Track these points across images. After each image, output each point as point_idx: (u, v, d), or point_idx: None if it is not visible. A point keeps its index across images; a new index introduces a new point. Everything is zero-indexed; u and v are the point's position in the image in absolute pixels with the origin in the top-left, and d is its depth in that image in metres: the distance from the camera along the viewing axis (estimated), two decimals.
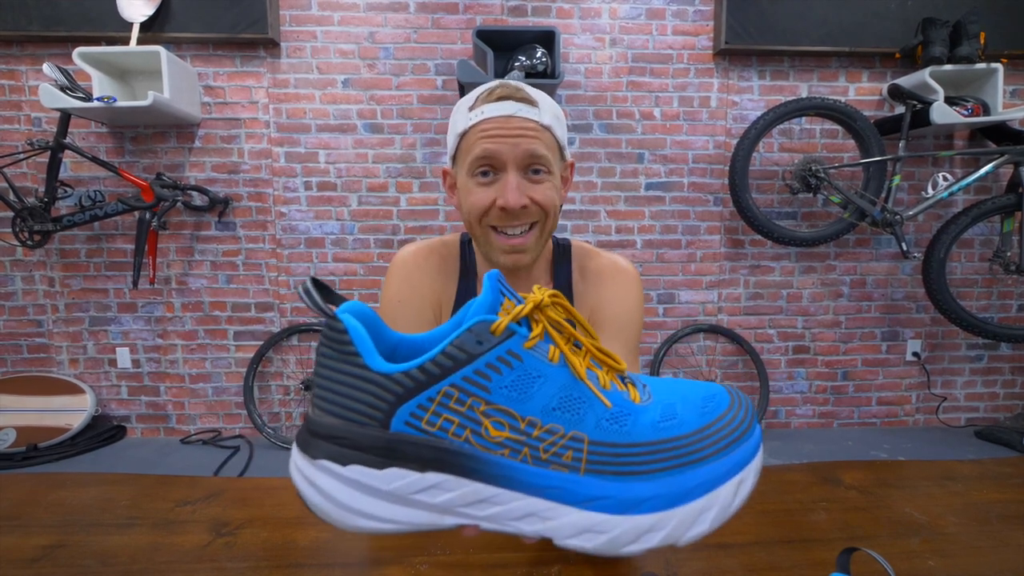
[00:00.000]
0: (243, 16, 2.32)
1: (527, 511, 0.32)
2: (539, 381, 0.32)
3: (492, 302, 0.33)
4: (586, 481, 0.32)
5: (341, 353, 0.32)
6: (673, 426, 0.34)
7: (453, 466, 0.32)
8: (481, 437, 0.32)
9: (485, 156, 0.65)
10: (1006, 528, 0.49)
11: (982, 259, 2.63)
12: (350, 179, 2.50)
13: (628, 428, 0.33)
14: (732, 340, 2.62)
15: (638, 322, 0.79)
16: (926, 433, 2.61)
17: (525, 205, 0.66)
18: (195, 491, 0.57)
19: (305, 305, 0.38)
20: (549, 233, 0.71)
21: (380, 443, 0.32)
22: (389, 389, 0.31)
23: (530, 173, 0.67)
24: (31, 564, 0.44)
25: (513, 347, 0.32)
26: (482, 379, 0.32)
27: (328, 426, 0.32)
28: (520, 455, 0.32)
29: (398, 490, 0.32)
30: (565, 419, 0.32)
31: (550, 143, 0.67)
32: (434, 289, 0.79)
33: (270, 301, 2.54)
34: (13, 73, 2.38)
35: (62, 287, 2.50)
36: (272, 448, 2.43)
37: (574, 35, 2.48)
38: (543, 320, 0.33)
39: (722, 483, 0.33)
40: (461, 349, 0.31)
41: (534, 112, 0.65)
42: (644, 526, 0.32)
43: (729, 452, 0.34)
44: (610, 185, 2.56)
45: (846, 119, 2.33)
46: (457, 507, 0.33)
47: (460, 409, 0.32)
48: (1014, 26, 2.44)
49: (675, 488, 0.32)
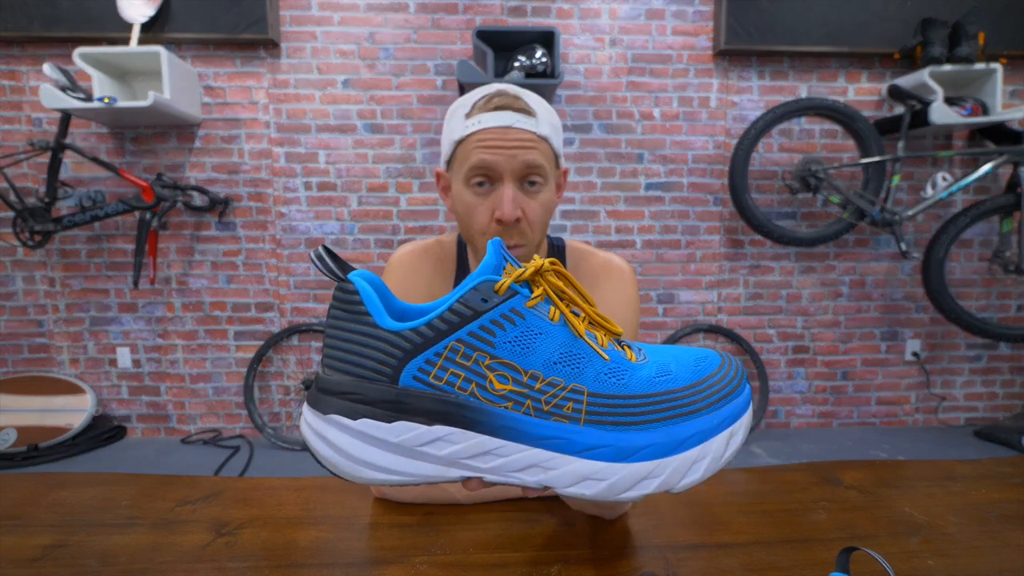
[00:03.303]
0: (243, 16, 2.32)
1: (530, 462, 0.34)
2: (540, 337, 0.34)
3: (496, 265, 0.34)
4: (586, 431, 0.34)
5: (352, 313, 0.34)
6: (668, 381, 0.36)
7: (459, 419, 0.33)
8: (486, 391, 0.33)
9: (482, 167, 0.65)
10: (1006, 528, 0.49)
11: (981, 259, 2.63)
12: (350, 179, 2.51)
13: (625, 381, 0.35)
14: (732, 340, 2.62)
15: (634, 321, 0.79)
16: (926, 433, 2.61)
17: (519, 218, 0.67)
18: (195, 491, 0.57)
19: (317, 269, 0.38)
20: (536, 246, 0.72)
21: (389, 397, 0.33)
22: (398, 345, 0.33)
23: (526, 184, 0.67)
24: (31, 564, 0.44)
25: (516, 305, 0.34)
26: (487, 334, 0.33)
27: (338, 383, 0.34)
28: (523, 407, 0.34)
29: (406, 442, 0.33)
30: (565, 372, 0.34)
31: (547, 153, 0.67)
32: (430, 289, 0.79)
33: (270, 301, 2.54)
34: (14, 73, 2.38)
35: (63, 287, 2.50)
36: (272, 448, 2.43)
37: (574, 35, 2.48)
38: (544, 284, 0.35)
39: (714, 435, 0.35)
40: (467, 306, 0.33)
41: (532, 123, 0.65)
42: (641, 473, 0.34)
43: (721, 406, 0.36)
44: (610, 185, 2.56)
45: (845, 119, 2.33)
46: (462, 459, 0.34)
47: (466, 363, 0.33)
48: (1013, 26, 2.44)
49: (670, 438, 0.34)
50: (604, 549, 0.45)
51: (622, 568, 0.43)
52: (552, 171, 0.70)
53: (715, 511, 0.53)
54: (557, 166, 0.72)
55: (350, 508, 0.54)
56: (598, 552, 0.45)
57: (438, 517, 0.52)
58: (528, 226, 0.68)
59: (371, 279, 0.36)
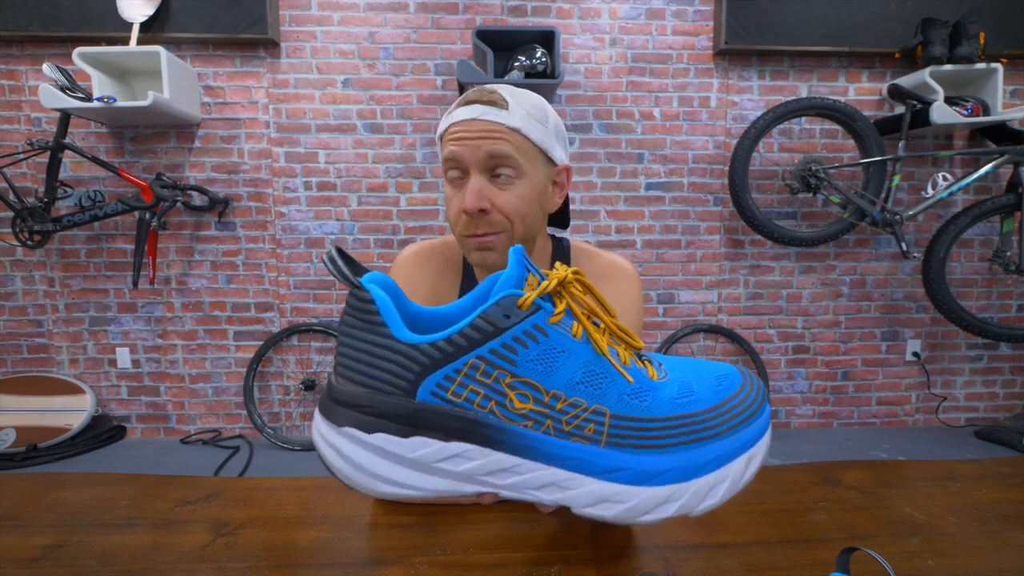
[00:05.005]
0: (243, 16, 2.32)
1: (548, 481, 0.33)
2: (563, 356, 0.33)
3: (518, 277, 0.33)
4: (606, 453, 0.33)
5: (366, 323, 0.33)
6: (690, 403, 0.35)
7: (477, 436, 0.33)
8: (506, 409, 0.33)
9: (450, 159, 0.66)
10: (1006, 528, 0.49)
11: (982, 259, 2.63)
12: (350, 179, 2.50)
13: (648, 403, 0.34)
14: (732, 340, 2.62)
15: (638, 321, 0.79)
16: (926, 433, 2.61)
17: (484, 209, 0.65)
18: (195, 491, 0.57)
19: (329, 272, 0.38)
20: (523, 238, 0.70)
21: (406, 412, 0.32)
22: (416, 360, 0.32)
23: (496, 176, 0.66)
24: (31, 564, 0.44)
25: (539, 322, 0.33)
26: (509, 352, 0.32)
27: (352, 394, 0.33)
28: (543, 427, 0.33)
29: (422, 458, 0.33)
30: (588, 393, 0.33)
31: (520, 145, 0.65)
32: (436, 290, 0.79)
33: (270, 301, 2.54)
34: (13, 73, 2.38)
35: (62, 287, 2.50)
36: (272, 448, 2.43)
37: (574, 35, 2.48)
38: (567, 296, 0.34)
39: (734, 458, 0.35)
40: (489, 322, 0.32)
41: (502, 115, 0.64)
42: (661, 497, 0.33)
43: (741, 429, 0.35)
44: (610, 185, 2.56)
45: (846, 119, 2.33)
46: (479, 476, 0.33)
47: (486, 381, 0.32)
48: (1014, 26, 2.44)
49: (691, 462, 0.34)
50: (604, 549, 0.45)
51: (622, 568, 0.43)
52: (535, 164, 0.68)
53: (715, 511, 0.53)
54: (550, 161, 0.70)
55: (350, 508, 0.54)
56: (598, 552, 0.45)
57: (438, 517, 0.52)
58: (502, 217, 0.66)
59: (386, 284, 0.34)
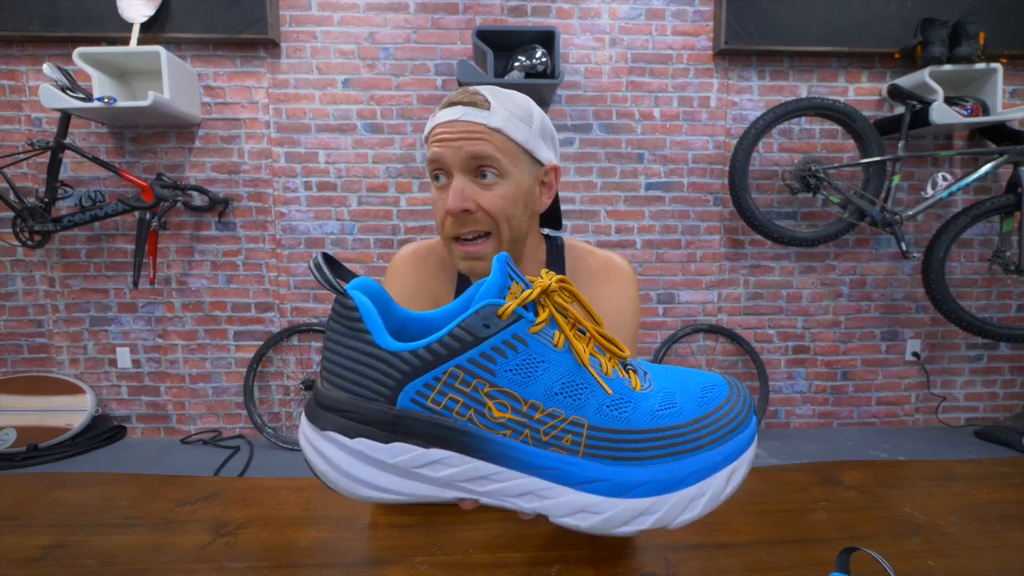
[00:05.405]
0: (243, 16, 2.32)
1: (526, 489, 0.34)
2: (543, 366, 0.33)
3: (500, 285, 0.33)
4: (584, 464, 0.33)
5: (351, 329, 0.33)
6: (672, 415, 0.35)
7: (456, 443, 0.33)
8: (484, 417, 0.33)
9: (433, 160, 0.66)
10: (1006, 528, 0.49)
11: (981, 259, 2.63)
12: (350, 179, 2.50)
13: (627, 415, 0.34)
14: (732, 340, 2.62)
15: (634, 320, 0.79)
16: (926, 433, 2.61)
17: (467, 209, 0.65)
18: (195, 491, 0.57)
19: (315, 279, 0.39)
20: (509, 241, 0.69)
21: (386, 418, 0.33)
22: (397, 367, 0.32)
23: (479, 177, 0.65)
24: (31, 564, 0.44)
25: (519, 331, 0.33)
26: (488, 362, 0.32)
27: (336, 399, 0.34)
28: (521, 436, 0.33)
29: (402, 463, 0.33)
30: (567, 404, 0.33)
31: (503, 145, 0.65)
32: (433, 289, 0.79)
33: (270, 301, 2.54)
34: (13, 73, 2.38)
35: (62, 287, 2.50)
36: (272, 448, 2.43)
37: (574, 35, 2.48)
38: (549, 305, 0.34)
39: (716, 472, 0.34)
40: (468, 331, 0.32)
41: (482, 115, 0.64)
42: (638, 509, 0.33)
43: (724, 442, 0.35)
44: (610, 185, 2.56)
45: (846, 119, 2.33)
46: (458, 482, 0.34)
47: (465, 390, 0.33)
48: (1014, 26, 2.44)
49: (670, 475, 0.33)
50: (604, 549, 0.45)
51: (622, 568, 0.43)
52: (520, 165, 0.67)
53: (715, 511, 0.53)
54: (536, 161, 0.69)
55: (350, 508, 0.54)
56: (598, 552, 0.45)
57: (438, 517, 0.52)
58: (487, 217, 0.66)
59: (371, 290, 0.35)
